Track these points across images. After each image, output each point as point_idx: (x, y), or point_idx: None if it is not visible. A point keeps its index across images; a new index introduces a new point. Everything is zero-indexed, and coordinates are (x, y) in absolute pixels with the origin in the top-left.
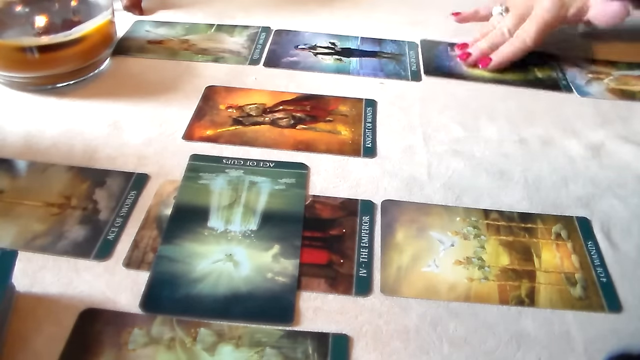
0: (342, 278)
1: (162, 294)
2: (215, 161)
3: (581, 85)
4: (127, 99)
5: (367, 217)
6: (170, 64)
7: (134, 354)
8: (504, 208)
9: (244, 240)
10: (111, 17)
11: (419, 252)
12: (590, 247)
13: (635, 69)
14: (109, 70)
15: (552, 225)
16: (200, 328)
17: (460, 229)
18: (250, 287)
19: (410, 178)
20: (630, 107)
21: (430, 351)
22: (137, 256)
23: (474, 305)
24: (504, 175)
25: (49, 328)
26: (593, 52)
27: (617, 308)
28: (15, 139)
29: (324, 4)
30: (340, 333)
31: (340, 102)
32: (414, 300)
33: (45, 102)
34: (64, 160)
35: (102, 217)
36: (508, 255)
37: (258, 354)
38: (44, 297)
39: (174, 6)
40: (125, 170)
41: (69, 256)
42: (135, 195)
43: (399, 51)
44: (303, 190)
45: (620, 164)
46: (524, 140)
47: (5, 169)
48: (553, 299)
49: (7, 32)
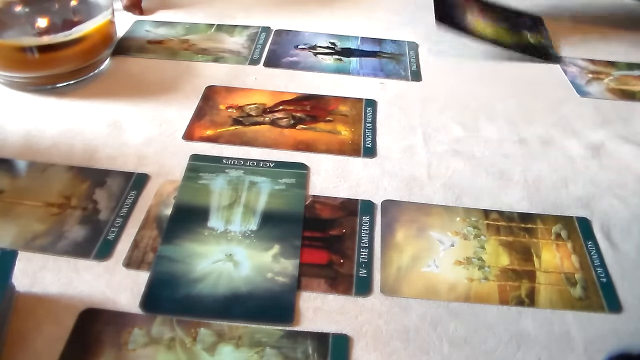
0: (342, 278)
1: (162, 294)
2: (215, 161)
3: (581, 85)
4: (127, 99)
5: (367, 217)
6: (170, 64)
7: (134, 354)
8: (504, 208)
9: (244, 240)
10: (111, 17)
11: (419, 252)
12: (590, 247)
13: (635, 69)
14: (109, 70)
15: (552, 226)
16: (200, 328)
17: (460, 229)
18: (250, 287)
19: (410, 178)
20: (630, 107)
21: (430, 351)
22: (137, 256)
23: (474, 305)
24: (504, 175)
25: (49, 328)
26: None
27: (617, 308)
28: (15, 139)
29: (324, 4)
30: (340, 333)
31: (340, 102)
32: (414, 300)
33: (45, 102)
34: (64, 160)
35: (102, 217)
36: (508, 256)
37: (258, 354)
38: (44, 297)
39: (174, 6)
40: (125, 170)
41: (69, 256)
42: (135, 195)
43: (399, 51)
44: (303, 190)
45: (620, 164)
46: (524, 140)
47: (5, 169)
48: (553, 299)
49: (7, 32)
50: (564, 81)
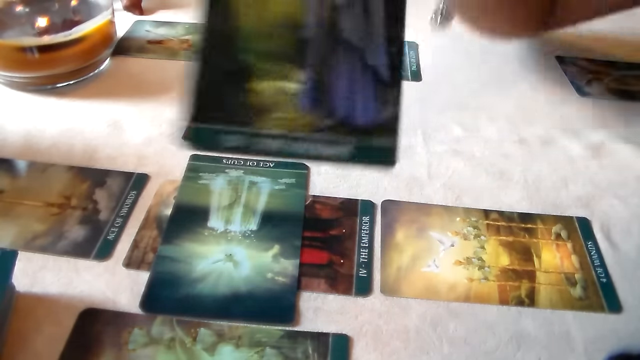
0: (342, 278)
1: (162, 294)
2: (215, 161)
3: (581, 85)
4: (127, 99)
5: (367, 217)
6: (170, 64)
7: (134, 354)
8: (504, 208)
9: (244, 240)
10: (111, 17)
11: (419, 252)
12: (590, 247)
13: (635, 69)
14: (109, 70)
15: (552, 226)
16: (200, 328)
17: (460, 229)
18: (250, 287)
19: (410, 178)
20: (630, 107)
21: (430, 351)
22: (137, 256)
23: (474, 305)
24: (504, 175)
25: (49, 328)
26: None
27: (617, 308)
28: (15, 139)
29: None
30: (340, 333)
31: None
32: (414, 300)
33: (45, 102)
34: (64, 160)
35: (102, 217)
36: (508, 256)
37: (258, 354)
38: (44, 297)
39: (174, 6)
40: (125, 170)
41: (69, 256)
42: (135, 195)
43: None
44: (303, 190)
45: (620, 164)
46: (524, 140)
47: (5, 169)
48: (553, 299)
49: (7, 32)
50: (564, 81)
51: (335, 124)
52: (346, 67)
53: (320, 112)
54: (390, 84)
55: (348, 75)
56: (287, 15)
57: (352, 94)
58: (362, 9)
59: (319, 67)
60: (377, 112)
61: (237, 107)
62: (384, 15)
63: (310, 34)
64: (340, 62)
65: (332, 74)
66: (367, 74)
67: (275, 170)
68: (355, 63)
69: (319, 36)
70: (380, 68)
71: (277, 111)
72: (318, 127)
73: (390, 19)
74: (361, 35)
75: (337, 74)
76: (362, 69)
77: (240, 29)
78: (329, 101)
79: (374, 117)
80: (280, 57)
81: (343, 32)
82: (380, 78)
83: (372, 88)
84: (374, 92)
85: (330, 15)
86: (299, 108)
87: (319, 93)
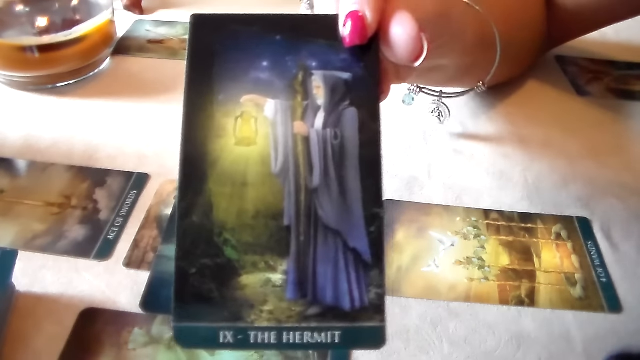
0: None
1: (162, 293)
2: None
3: (581, 85)
4: (127, 99)
5: None
6: (170, 63)
7: (134, 354)
8: (504, 208)
9: None
10: (111, 16)
11: (419, 252)
12: (590, 247)
13: (635, 69)
14: (109, 69)
15: (552, 226)
16: None
17: (460, 229)
18: None
19: (410, 178)
20: (630, 107)
21: (430, 351)
22: (137, 256)
23: (474, 305)
24: (504, 175)
25: (49, 328)
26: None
27: (617, 308)
28: (15, 139)
29: None
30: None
31: None
32: (414, 300)
33: (45, 101)
34: (64, 160)
35: (103, 217)
36: (508, 255)
37: (258, 354)
38: (44, 297)
39: (174, 5)
40: (126, 169)
41: (69, 256)
42: (135, 195)
43: None
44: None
45: (620, 164)
46: (524, 140)
47: (5, 169)
48: (553, 299)
49: (7, 31)
50: (564, 81)
51: (321, 311)
52: (327, 252)
53: (305, 301)
54: (372, 265)
55: (330, 261)
56: (267, 205)
57: (335, 279)
58: (338, 191)
59: (302, 255)
60: (362, 295)
61: (225, 303)
62: (361, 193)
63: (291, 222)
64: (321, 247)
65: (314, 260)
66: (349, 257)
67: None
68: (337, 247)
69: (298, 223)
70: (361, 249)
71: (264, 304)
72: (304, 316)
73: (368, 195)
74: (340, 218)
75: (319, 260)
76: (344, 253)
77: (221, 223)
78: (313, 289)
79: (359, 300)
80: (263, 248)
81: (322, 217)
82: (362, 259)
83: (355, 271)
84: (356, 275)
85: (307, 199)
86: (283, 298)
87: (303, 281)
